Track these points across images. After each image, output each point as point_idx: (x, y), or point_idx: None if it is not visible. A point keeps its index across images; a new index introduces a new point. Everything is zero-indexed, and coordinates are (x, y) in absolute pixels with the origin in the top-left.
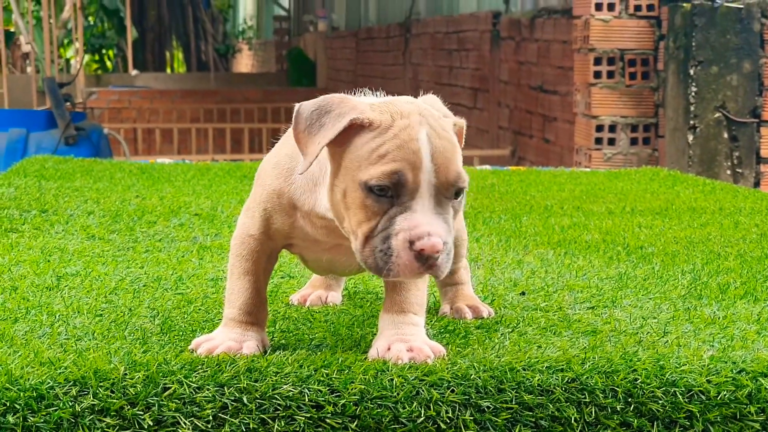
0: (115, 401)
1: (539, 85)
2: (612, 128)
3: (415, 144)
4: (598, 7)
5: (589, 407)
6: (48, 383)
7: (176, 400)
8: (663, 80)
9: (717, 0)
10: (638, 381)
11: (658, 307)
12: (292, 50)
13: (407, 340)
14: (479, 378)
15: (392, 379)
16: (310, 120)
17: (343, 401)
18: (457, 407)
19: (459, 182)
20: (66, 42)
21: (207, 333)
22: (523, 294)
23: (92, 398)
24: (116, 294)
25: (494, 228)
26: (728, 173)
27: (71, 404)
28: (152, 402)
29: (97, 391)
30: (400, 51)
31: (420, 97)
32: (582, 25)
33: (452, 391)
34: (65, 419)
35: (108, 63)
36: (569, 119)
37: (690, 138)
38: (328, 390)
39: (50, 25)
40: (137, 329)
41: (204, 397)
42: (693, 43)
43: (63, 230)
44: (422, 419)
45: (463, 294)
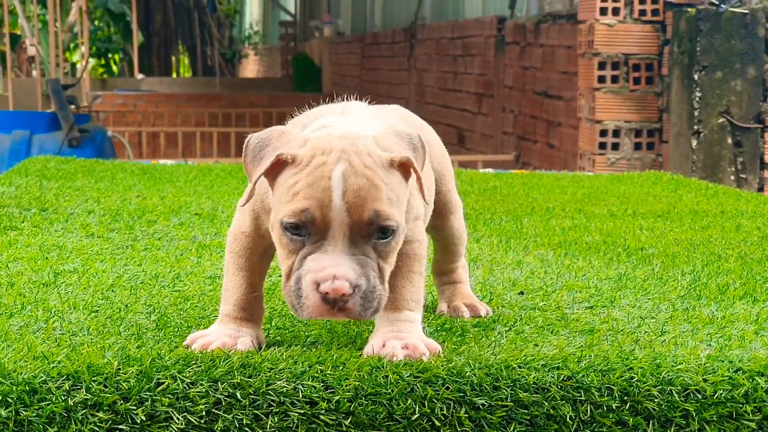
0: (108, 396)
1: (544, 91)
2: (616, 133)
3: (326, 182)
4: (603, 12)
5: (585, 405)
6: (41, 377)
7: (169, 395)
8: (667, 85)
9: (722, 5)
10: (634, 379)
11: (657, 307)
12: (298, 55)
13: (402, 337)
14: (474, 375)
15: (387, 376)
16: (254, 152)
17: (338, 398)
18: (452, 404)
19: (378, 221)
20: (72, 46)
21: (203, 329)
22: (522, 293)
23: (85, 393)
24: (113, 291)
25: (495, 229)
26: (732, 178)
27: (64, 398)
28: (145, 397)
29: (90, 386)
30: (405, 56)
31: (388, 109)
32: (586, 30)
33: (447, 389)
34: (58, 413)
35: (114, 67)
36: (573, 124)
37: (694, 143)
38: (323, 386)
39: (56, 29)
40: (132, 325)
41: (197, 393)
42: (697, 48)
43: (62, 228)
44: (417, 416)
45: (461, 293)
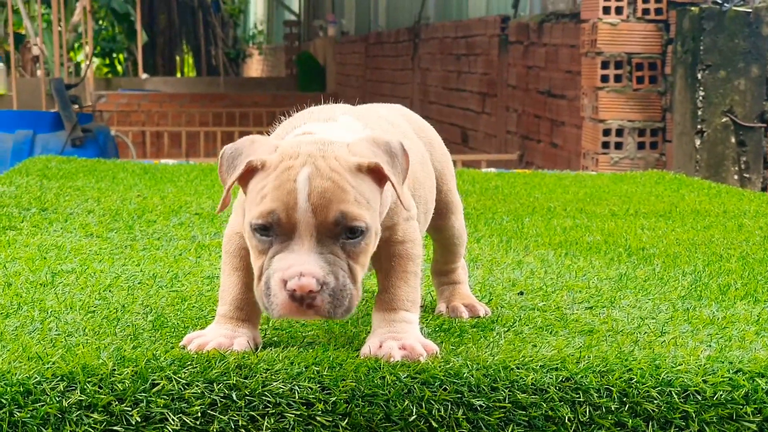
0: (103, 397)
1: (547, 90)
2: (619, 132)
3: (291, 184)
4: (606, 11)
5: (584, 407)
6: (35, 378)
7: (164, 396)
8: (670, 84)
9: (725, 4)
10: (633, 380)
11: (657, 308)
12: (302, 55)
13: (399, 338)
14: (472, 376)
15: (384, 377)
16: (228, 162)
17: (334, 399)
18: (450, 406)
19: (345, 222)
20: (76, 45)
21: (200, 329)
22: (521, 294)
23: (80, 393)
24: (110, 291)
25: (496, 229)
26: (735, 178)
27: (58, 399)
28: (140, 398)
29: (85, 387)
30: (409, 56)
31: (389, 108)
32: (590, 29)
33: (445, 390)
34: (52, 414)
35: (118, 67)
36: (577, 124)
37: (697, 142)
38: (319, 387)
39: (60, 29)
40: (129, 326)
41: (193, 394)
42: (701, 47)
43: (61, 228)
44: (414, 418)
45: (460, 293)
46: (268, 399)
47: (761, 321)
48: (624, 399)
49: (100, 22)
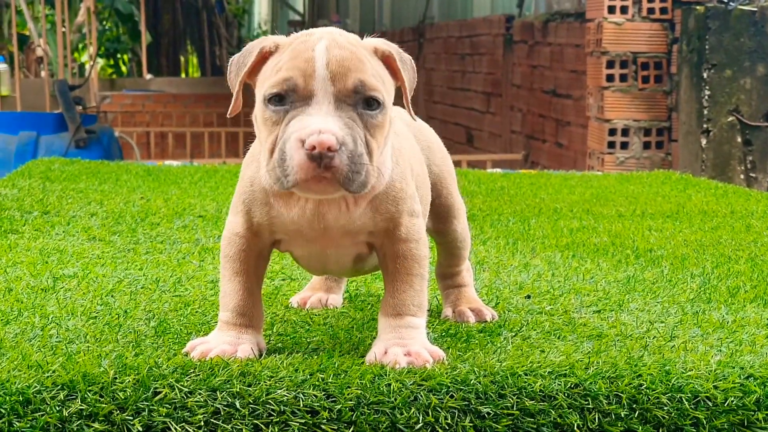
0: (104, 406)
1: (552, 89)
2: (625, 132)
3: (309, 53)
4: (611, 11)
5: (593, 414)
6: (35, 387)
7: (167, 405)
8: (676, 84)
9: (731, 3)
10: (643, 387)
11: (666, 311)
12: None
13: (405, 344)
14: (479, 383)
15: (390, 384)
16: (237, 65)
17: (339, 407)
18: (457, 413)
19: (363, 90)
20: (80, 46)
21: (203, 336)
22: (529, 297)
23: (80, 403)
24: (112, 296)
25: (502, 230)
26: (742, 177)
27: (58, 409)
28: (142, 407)
29: (86, 396)
30: (414, 55)
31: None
32: (595, 29)
33: (452, 397)
34: (52, 424)
35: (123, 67)
36: (582, 123)
37: (703, 142)
38: (324, 395)
39: (64, 30)
40: (131, 332)
41: (196, 402)
42: (706, 46)
43: (63, 232)
44: (420, 425)
45: (466, 297)
46: (273, 407)
47: None
48: (634, 405)
49: (104, 23)
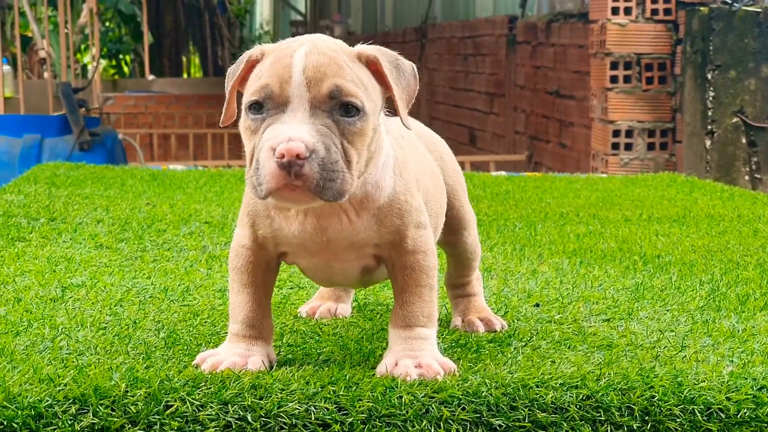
0: (116, 420)
1: (555, 90)
2: (629, 133)
3: (288, 60)
4: (615, 12)
5: (605, 426)
6: (47, 401)
7: (178, 419)
8: (680, 85)
9: (735, 4)
10: (655, 398)
11: (676, 320)
12: None
13: (416, 356)
14: (491, 395)
15: (401, 397)
16: (229, 75)
17: (351, 419)
18: (469, 426)
19: (339, 95)
20: (83, 47)
21: (213, 347)
22: (537, 306)
23: (92, 417)
24: (121, 306)
25: (509, 236)
26: (746, 179)
27: (70, 423)
28: (154, 420)
29: (98, 410)
30: (416, 56)
31: (396, 121)
32: (598, 30)
33: (463, 409)
34: None
35: (125, 68)
36: (586, 124)
37: (708, 143)
38: (335, 408)
39: (67, 31)
40: (141, 343)
41: (207, 416)
42: (710, 47)
43: (71, 239)
44: None
45: (475, 306)
46: (284, 420)
47: None
48: (646, 417)
49: (107, 24)
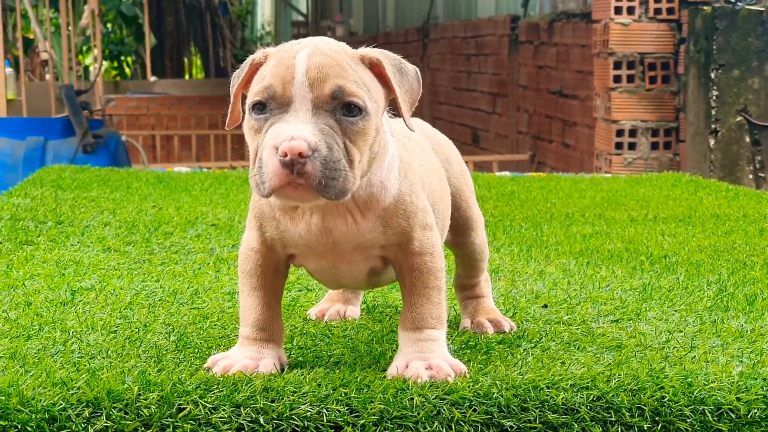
0: (129, 423)
1: (558, 90)
2: (632, 133)
3: (291, 61)
4: (618, 11)
5: (616, 426)
6: (60, 404)
7: (191, 422)
8: (683, 84)
9: (738, 3)
10: (665, 399)
11: (684, 320)
12: None
13: (426, 358)
14: (502, 397)
15: (412, 399)
16: (234, 78)
17: (363, 421)
18: (480, 427)
19: (341, 95)
20: (85, 49)
21: (223, 350)
22: (546, 307)
23: (105, 420)
24: (131, 309)
25: (515, 237)
26: (750, 177)
27: (84, 426)
28: (167, 423)
29: (111, 413)
30: (419, 56)
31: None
32: (601, 29)
33: (474, 411)
34: None
35: (127, 69)
36: (589, 124)
37: (711, 142)
38: (347, 410)
39: (68, 33)
40: (152, 346)
41: (220, 418)
42: (714, 47)
43: (78, 242)
44: None
45: (484, 307)
46: (296, 422)
47: None
48: (656, 418)
49: (109, 25)
